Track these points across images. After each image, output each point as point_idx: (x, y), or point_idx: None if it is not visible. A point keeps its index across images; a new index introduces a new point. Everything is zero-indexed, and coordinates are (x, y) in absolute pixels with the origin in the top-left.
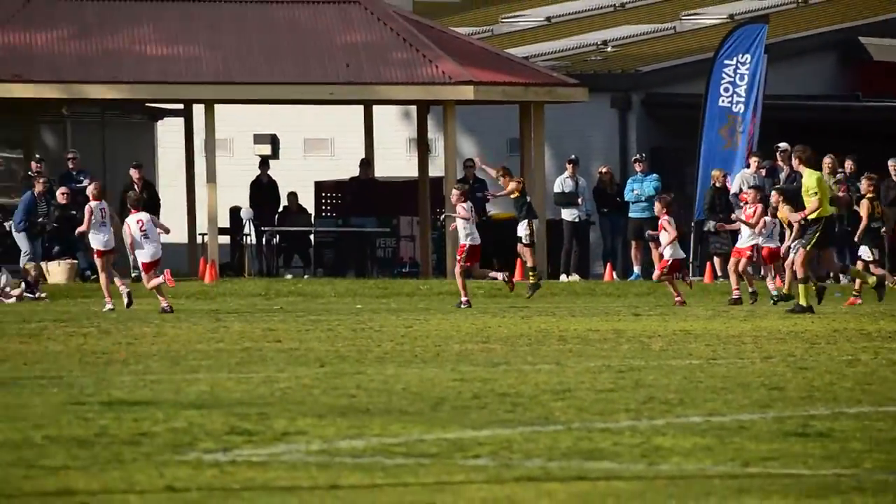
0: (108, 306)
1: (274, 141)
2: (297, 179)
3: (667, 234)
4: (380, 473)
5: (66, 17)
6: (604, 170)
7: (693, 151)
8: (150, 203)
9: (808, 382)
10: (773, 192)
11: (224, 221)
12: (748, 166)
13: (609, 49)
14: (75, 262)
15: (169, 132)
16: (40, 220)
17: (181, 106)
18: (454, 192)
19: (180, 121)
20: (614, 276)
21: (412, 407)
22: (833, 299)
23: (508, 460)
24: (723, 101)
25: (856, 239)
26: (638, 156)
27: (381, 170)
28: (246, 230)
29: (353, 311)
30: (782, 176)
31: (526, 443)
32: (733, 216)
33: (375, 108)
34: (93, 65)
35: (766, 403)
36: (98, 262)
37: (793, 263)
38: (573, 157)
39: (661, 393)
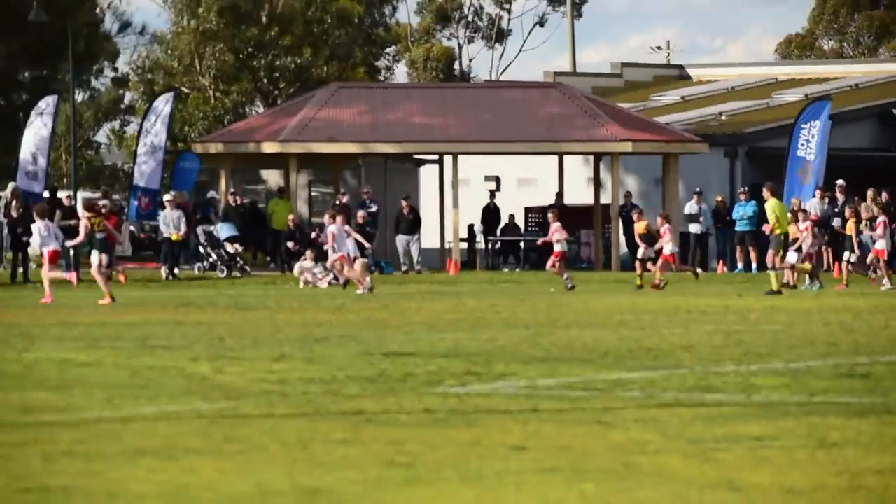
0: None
1: (498, 180)
2: (513, 205)
3: (669, 237)
4: (565, 401)
5: (362, 98)
6: (719, 198)
7: (780, 185)
8: (414, 222)
9: (854, 340)
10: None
11: (463, 233)
12: (814, 196)
13: (723, 117)
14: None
15: (428, 174)
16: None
17: (436, 157)
18: (550, 214)
19: (436, 167)
20: (724, 269)
21: (587, 356)
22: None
23: (652, 393)
24: (800, 152)
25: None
26: (742, 188)
27: (569, 199)
28: (478, 239)
29: (548, 294)
30: (840, 201)
31: (663, 381)
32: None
33: (565, 157)
34: (379, 130)
35: (826, 354)
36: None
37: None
38: (698, 189)
39: (755, 348)
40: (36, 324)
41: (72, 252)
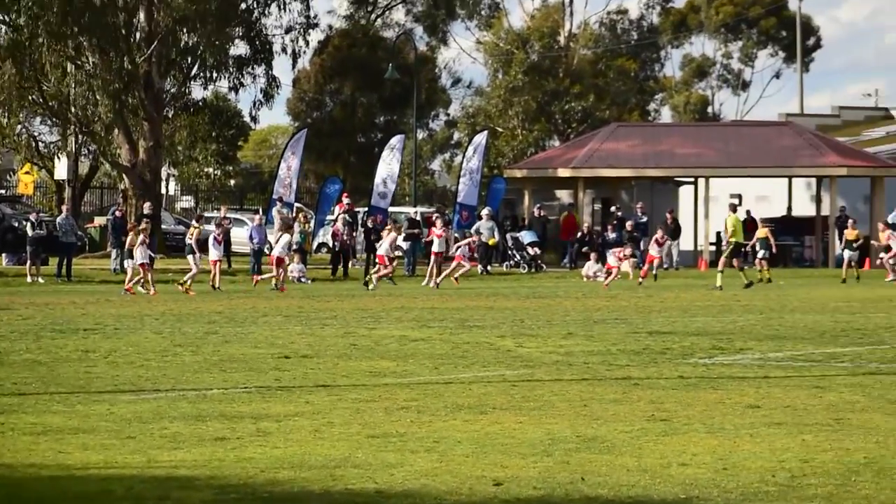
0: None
1: (740, 197)
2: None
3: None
4: (790, 370)
5: (635, 134)
6: None
7: None
8: (675, 230)
9: None
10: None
11: (712, 239)
12: None
13: None
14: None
15: (685, 193)
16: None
17: (693, 179)
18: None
19: (692, 187)
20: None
21: (808, 335)
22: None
23: (859, 364)
24: None
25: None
26: None
27: (796, 211)
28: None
29: (779, 286)
30: None
31: (869, 354)
32: None
33: (794, 180)
34: (649, 158)
35: None
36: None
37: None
38: None
39: None
40: (382, 308)
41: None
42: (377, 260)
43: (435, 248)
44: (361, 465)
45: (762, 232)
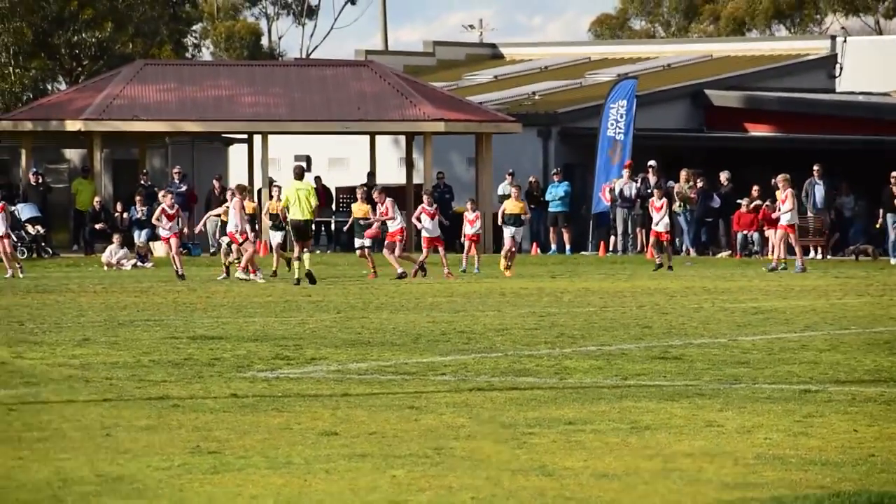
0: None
1: (308, 160)
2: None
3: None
4: (376, 385)
5: (169, 76)
6: (532, 179)
7: (592, 166)
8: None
9: (667, 322)
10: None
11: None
12: (621, 177)
13: (536, 97)
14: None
15: (237, 154)
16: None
17: (245, 136)
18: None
19: (245, 146)
20: (538, 251)
21: (399, 340)
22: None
23: (464, 377)
24: (610, 132)
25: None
26: (555, 169)
27: (381, 179)
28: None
29: (359, 276)
30: (652, 182)
31: (476, 364)
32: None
33: (377, 137)
34: (186, 108)
35: (639, 337)
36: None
37: None
38: (511, 170)
39: (569, 330)
40: None
41: None
42: None
43: None
44: None
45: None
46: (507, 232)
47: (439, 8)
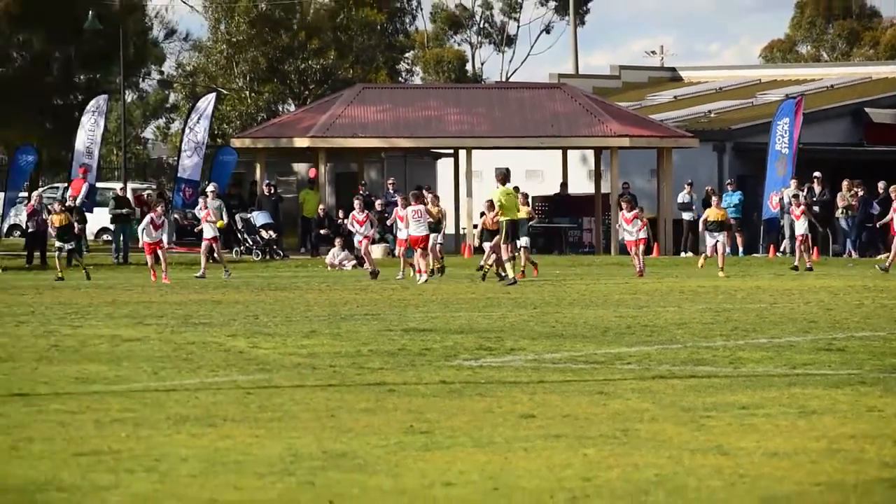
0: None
1: (508, 171)
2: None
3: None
4: (569, 373)
5: (384, 98)
6: (709, 188)
7: (762, 176)
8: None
9: (831, 317)
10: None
11: (476, 220)
12: (789, 186)
13: (712, 115)
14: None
15: (444, 167)
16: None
17: (452, 151)
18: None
19: (451, 160)
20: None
21: (589, 333)
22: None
23: (648, 366)
24: (777, 146)
25: None
26: (729, 180)
27: (572, 189)
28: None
29: (554, 276)
30: (816, 191)
31: (658, 355)
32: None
33: (569, 151)
34: (399, 126)
35: (806, 330)
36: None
37: None
38: (689, 180)
39: (742, 324)
40: (90, 302)
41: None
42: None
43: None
44: (68, 488)
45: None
46: (710, 239)
47: (625, 35)
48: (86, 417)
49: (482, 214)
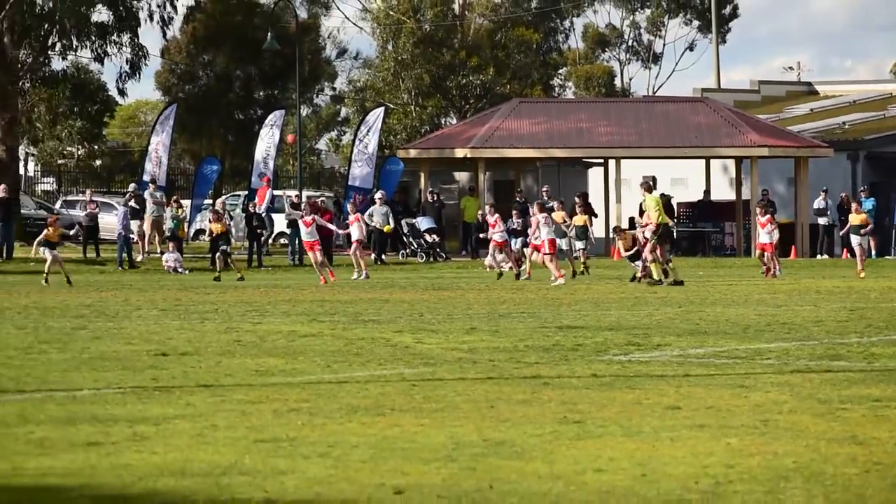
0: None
1: (654, 179)
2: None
3: (545, 227)
4: (713, 368)
5: (539, 111)
6: (843, 195)
7: (893, 184)
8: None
9: None
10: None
11: (625, 225)
12: None
13: (846, 127)
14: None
15: (595, 175)
16: None
17: (602, 160)
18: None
19: (601, 169)
20: (848, 256)
21: (731, 330)
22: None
23: (786, 361)
24: None
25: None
26: (862, 187)
27: (715, 195)
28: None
29: (698, 277)
30: None
31: (796, 351)
32: None
33: (712, 161)
34: (553, 138)
35: None
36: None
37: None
38: (825, 187)
39: (875, 322)
40: (268, 300)
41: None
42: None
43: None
44: (249, 472)
45: (580, 219)
46: (855, 240)
47: (764, 52)
48: (265, 407)
49: (622, 230)
